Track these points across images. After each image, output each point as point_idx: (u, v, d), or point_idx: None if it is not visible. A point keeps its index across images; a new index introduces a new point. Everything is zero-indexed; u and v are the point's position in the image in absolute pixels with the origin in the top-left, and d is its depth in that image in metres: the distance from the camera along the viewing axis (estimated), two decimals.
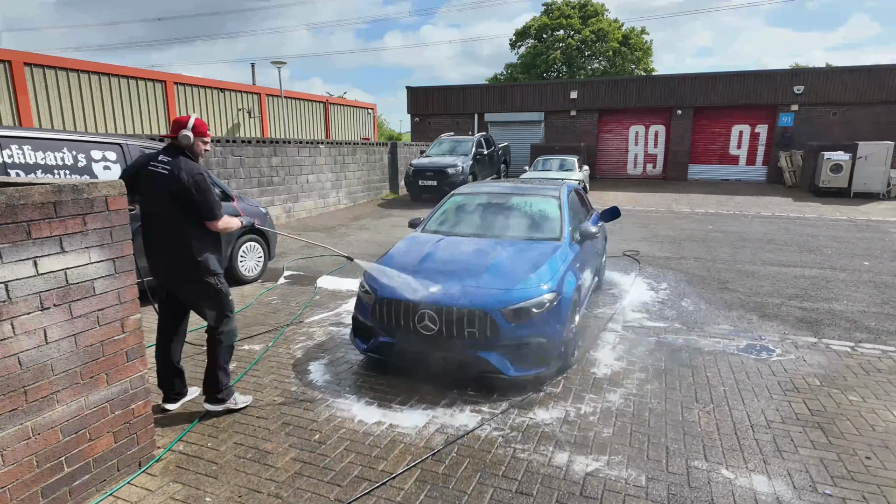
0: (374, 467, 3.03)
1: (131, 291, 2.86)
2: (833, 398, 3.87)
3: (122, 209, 2.77)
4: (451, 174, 14.87)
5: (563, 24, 40.78)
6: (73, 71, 16.46)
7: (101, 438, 2.76)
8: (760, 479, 2.92)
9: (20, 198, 2.31)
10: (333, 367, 4.39)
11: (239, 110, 23.29)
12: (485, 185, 6.57)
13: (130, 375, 2.89)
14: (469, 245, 4.80)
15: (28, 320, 2.38)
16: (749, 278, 7.25)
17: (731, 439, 3.32)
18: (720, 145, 22.64)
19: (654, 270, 7.69)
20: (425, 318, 3.91)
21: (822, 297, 6.40)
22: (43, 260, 2.43)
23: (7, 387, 2.32)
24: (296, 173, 12.65)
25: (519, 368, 3.88)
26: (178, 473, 2.98)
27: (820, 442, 3.30)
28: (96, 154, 5.44)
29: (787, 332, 5.22)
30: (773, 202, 15.57)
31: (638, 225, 11.68)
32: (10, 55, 14.81)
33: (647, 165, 23.87)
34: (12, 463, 2.37)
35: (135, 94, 18.45)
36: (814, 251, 8.95)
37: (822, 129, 20.73)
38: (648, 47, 42.40)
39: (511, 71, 44.89)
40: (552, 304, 3.95)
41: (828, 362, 4.51)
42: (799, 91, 20.72)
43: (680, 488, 2.85)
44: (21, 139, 4.89)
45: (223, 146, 10.44)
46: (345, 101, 33.23)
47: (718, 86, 21.69)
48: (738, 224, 11.80)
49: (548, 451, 3.20)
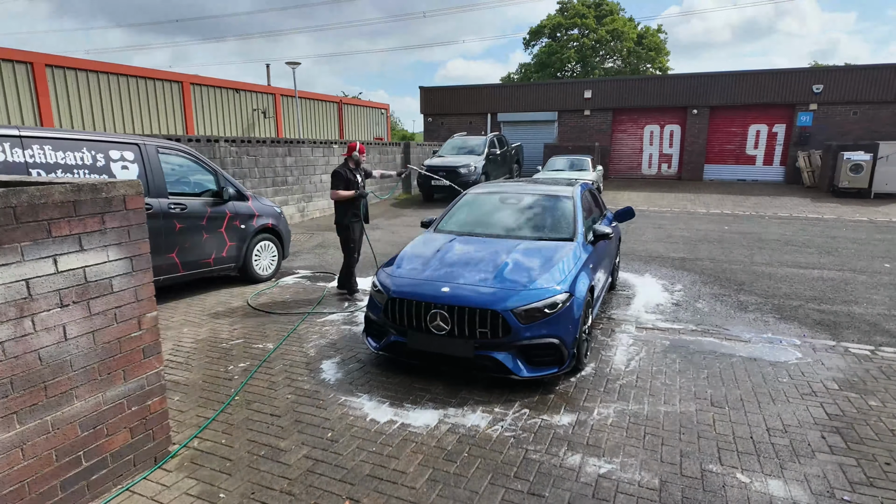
0: (385, 466, 3.04)
1: (148, 289, 2.90)
2: (852, 402, 3.80)
3: (139, 208, 2.82)
4: (464, 174, 14.86)
5: (577, 23, 40.56)
6: (93, 72, 16.74)
7: (118, 434, 2.80)
8: (776, 484, 2.88)
9: (41, 197, 2.35)
10: (346, 366, 4.42)
11: (254, 110, 23.51)
12: (497, 184, 6.56)
13: (147, 372, 2.94)
14: (481, 245, 4.79)
15: (48, 317, 2.43)
16: (766, 280, 7.15)
17: (746, 443, 3.28)
18: (737, 145, 22.35)
19: (668, 271, 7.61)
20: (437, 318, 3.92)
21: (840, 299, 6.29)
22: (63, 258, 2.47)
23: (28, 382, 2.37)
24: (309, 173, 12.74)
25: (531, 369, 3.87)
26: (193, 469, 3.01)
27: (838, 447, 3.24)
28: (115, 154, 5.53)
29: (805, 335, 5.14)
30: (790, 203, 15.33)
31: (652, 226, 11.57)
32: (32, 57, 15.10)
33: (662, 165, 23.65)
34: (32, 457, 2.41)
35: (152, 95, 18.71)
36: (833, 253, 8.80)
37: (841, 128, 20.38)
38: (663, 47, 42.00)
39: (525, 70, 44.76)
40: (565, 305, 3.94)
41: (846, 366, 4.43)
42: (818, 90, 20.38)
43: (694, 492, 2.82)
44: (42, 139, 4.99)
45: (238, 146, 10.55)
46: (358, 101, 33.40)
47: (735, 84, 21.41)
48: (754, 225, 11.64)
49: (560, 452, 3.18)
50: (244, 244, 6.77)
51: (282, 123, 25.19)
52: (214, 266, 6.50)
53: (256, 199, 7.09)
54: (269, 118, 24.30)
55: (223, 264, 6.60)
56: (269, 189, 11.39)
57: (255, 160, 11.00)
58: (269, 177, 11.45)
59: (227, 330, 5.27)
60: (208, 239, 6.33)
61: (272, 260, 7.25)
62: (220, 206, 6.47)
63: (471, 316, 3.85)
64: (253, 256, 6.92)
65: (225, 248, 6.56)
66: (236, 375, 4.23)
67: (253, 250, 6.91)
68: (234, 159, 10.44)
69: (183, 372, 4.31)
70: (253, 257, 6.92)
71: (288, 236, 7.56)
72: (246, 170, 10.76)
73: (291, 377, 4.21)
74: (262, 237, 7.05)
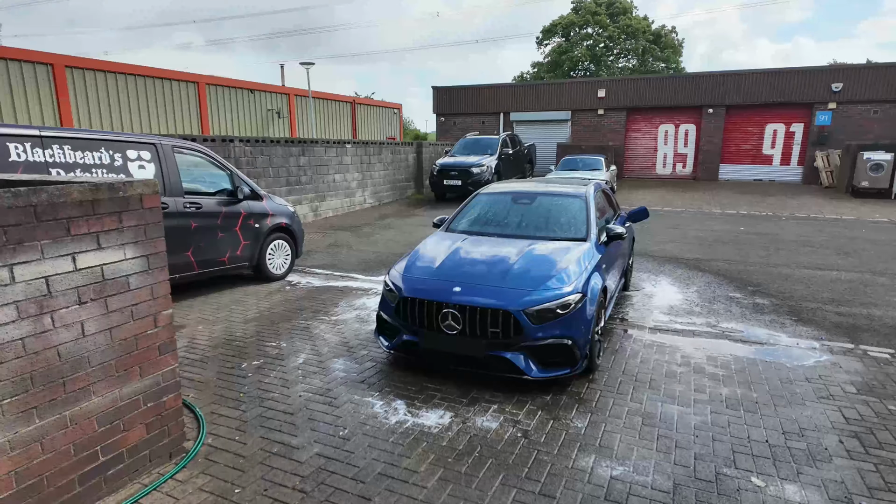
0: (397, 465, 3.05)
1: (164, 287, 2.94)
2: (871, 407, 3.73)
3: (155, 207, 2.86)
4: (476, 174, 14.85)
5: (590, 22, 40.29)
6: (111, 73, 17.01)
7: (134, 430, 2.85)
8: (793, 489, 2.84)
9: (60, 196, 2.40)
10: (358, 365, 4.44)
11: (268, 110, 23.70)
12: (510, 184, 6.54)
13: (162, 369, 2.98)
14: (493, 244, 4.78)
15: (67, 314, 2.47)
16: (782, 281, 7.05)
17: (762, 446, 3.23)
18: (753, 144, 22.04)
19: (683, 272, 7.54)
20: (449, 318, 3.92)
21: (859, 301, 6.18)
22: (81, 256, 2.51)
23: (47, 378, 2.41)
24: (323, 173, 12.81)
25: (543, 370, 3.85)
26: (207, 465, 3.05)
27: (856, 451, 3.19)
28: (132, 153, 5.61)
29: (823, 338, 5.06)
30: (808, 203, 15.09)
31: (667, 226, 11.47)
32: (52, 58, 15.38)
33: (677, 165, 23.40)
34: (51, 451, 2.46)
35: (168, 95, 18.96)
36: (851, 254, 8.64)
37: (861, 127, 20.00)
38: (679, 45, 41.56)
39: (537, 69, 44.58)
40: (577, 306, 3.91)
41: (865, 369, 4.35)
42: (837, 88, 20.01)
43: (708, 496, 2.79)
44: (62, 139, 5.08)
45: (253, 146, 10.64)
46: (371, 101, 33.53)
47: (751, 83, 21.11)
48: (771, 225, 11.48)
49: (572, 453, 3.17)
50: (258, 243, 6.83)
51: (295, 123, 25.37)
52: (229, 265, 6.56)
53: (270, 198, 7.15)
54: (283, 118, 24.49)
55: (237, 263, 6.67)
56: (282, 188, 11.48)
57: (269, 160, 11.09)
58: (283, 176, 11.54)
59: (240, 328, 5.32)
60: (223, 238, 6.40)
61: (286, 259, 7.31)
62: (235, 205, 6.53)
63: (482, 316, 3.84)
64: (267, 255, 6.98)
65: (239, 247, 6.62)
66: (250, 373, 4.27)
67: (267, 249, 6.97)
68: (249, 159, 10.53)
69: (197, 369, 4.36)
70: (267, 256, 6.98)
71: (301, 235, 7.61)
72: (260, 169, 10.86)
73: (305, 375, 4.24)
74: (276, 236, 7.11)
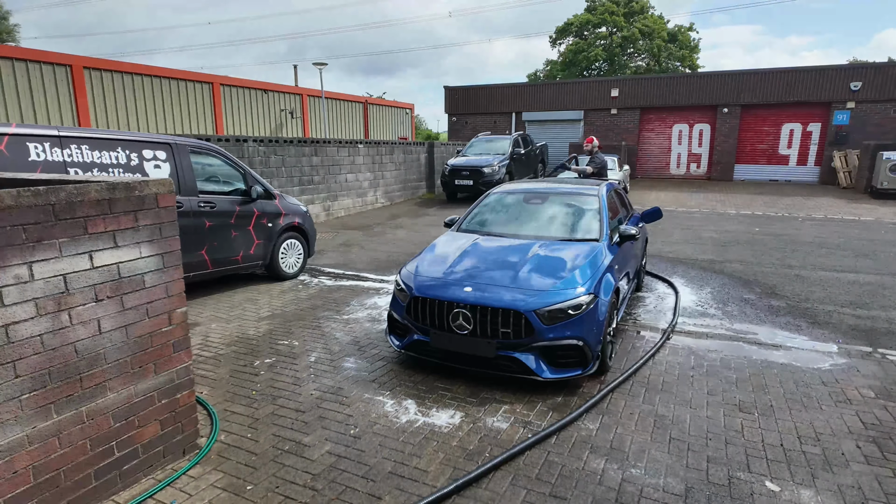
0: (407, 464, 3.06)
1: (178, 285, 2.98)
2: (889, 411, 3.66)
3: (170, 206, 2.89)
4: (487, 173, 14.83)
5: (606, 21, 40.00)
6: (128, 74, 17.25)
7: (148, 426, 2.89)
8: (807, 494, 2.80)
9: (78, 195, 2.44)
10: (369, 364, 4.45)
11: (282, 111, 23.88)
12: (521, 184, 6.52)
13: (176, 366, 3.01)
14: (505, 245, 4.77)
15: (84, 311, 2.51)
16: (798, 283, 6.94)
17: (776, 450, 3.19)
18: (769, 144, 21.75)
19: (697, 273, 7.46)
20: (460, 318, 3.92)
21: (878, 304, 6.07)
22: (98, 254, 2.55)
23: (64, 373, 2.46)
24: (335, 172, 12.88)
25: (554, 370, 3.84)
26: (220, 462, 3.08)
27: (874, 457, 3.13)
28: (147, 153, 5.68)
29: (840, 341, 4.98)
30: (825, 204, 14.86)
31: (680, 226, 11.36)
32: (70, 59, 15.64)
33: (691, 165, 23.17)
34: (68, 446, 2.50)
35: (184, 95, 19.18)
36: (870, 256, 8.49)
37: (881, 126, 19.65)
38: (696, 45, 41.12)
39: (551, 68, 44.37)
40: (589, 307, 3.89)
41: (884, 373, 4.27)
42: (856, 87, 19.68)
43: (721, 499, 2.76)
44: (79, 139, 5.16)
45: (266, 146, 10.73)
46: (383, 101, 33.62)
47: (767, 82, 20.83)
48: (787, 226, 11.32)
49: (583, 455, 3.15)
50: (271, 242, 6.89)
51: (308, 123, 25.53)
52: (242, 263, 6.62)
53: (283, 197, 7.21)
54: (296, 118, 24.66)
55: (251, 262, 6.73)
56: (295, 188, 11.56)
57: (282, 160, 11.17)
58: (296, 176, 11.62)
59: (253, 326, 5.37)
60: (237, 237, 6.46)
61: (298, 258, 7.36)
62: (249, 204, 6.59)
63: (493, 316, 3.84)
64: (279, 254, 7.03)
65: (253, 246, 6.68)
66: (262, 371, 4.31)
67: (279, 248, 7.03)
68: (262, 159, 10.62)
69: (211, 367, 4.40)
70: (279, 255, 7.03)
71: (313, 235, 7.66)
72: (273, 169, 10.94)
73: (316, 373, 4.27)
74: (289, 235, 7.16)
